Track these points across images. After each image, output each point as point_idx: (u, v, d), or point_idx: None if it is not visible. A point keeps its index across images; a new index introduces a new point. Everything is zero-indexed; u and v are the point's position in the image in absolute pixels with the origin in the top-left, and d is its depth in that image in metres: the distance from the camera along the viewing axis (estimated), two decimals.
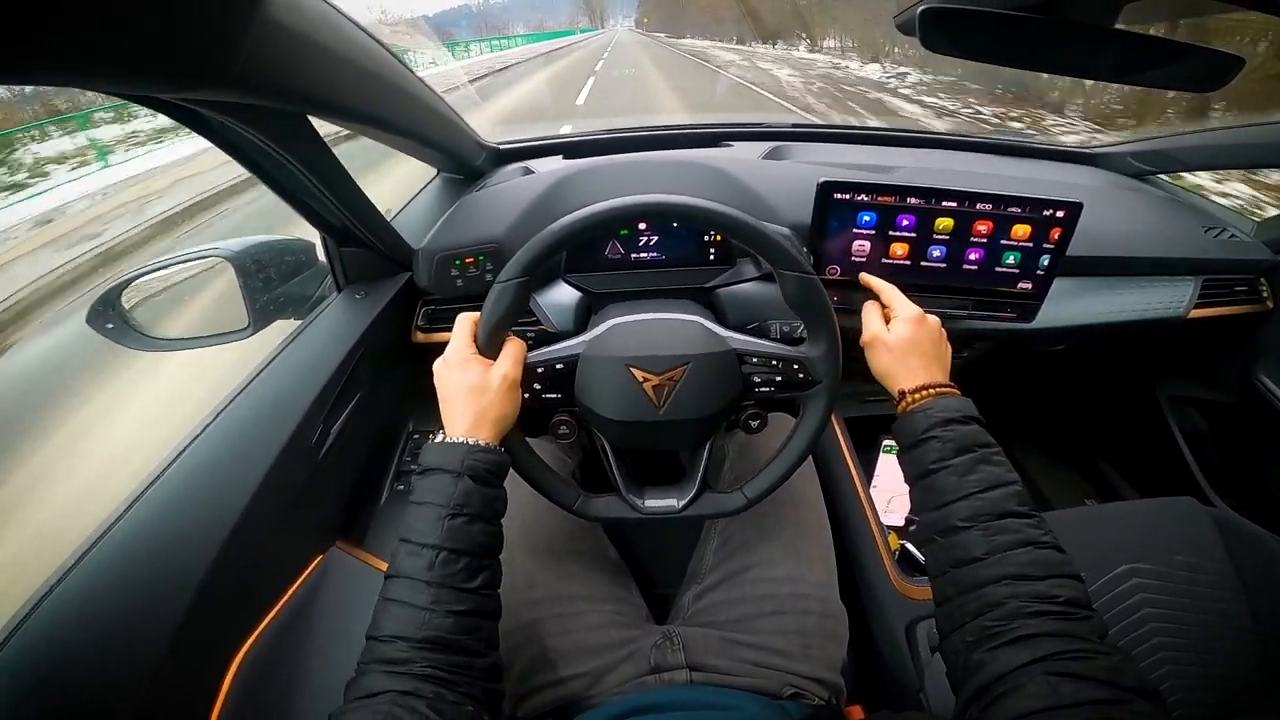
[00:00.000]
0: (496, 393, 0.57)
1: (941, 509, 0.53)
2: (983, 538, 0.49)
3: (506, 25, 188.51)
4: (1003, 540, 0.48)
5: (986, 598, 0.46)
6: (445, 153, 1.02)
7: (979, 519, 0.50)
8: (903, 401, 0.61)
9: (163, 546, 0.58)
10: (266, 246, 0.88)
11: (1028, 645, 0.41)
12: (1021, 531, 0.49)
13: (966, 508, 0.51)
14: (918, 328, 0.64)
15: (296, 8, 0.46)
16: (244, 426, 0.71)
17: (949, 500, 0.53)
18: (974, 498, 0.51)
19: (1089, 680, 0.38)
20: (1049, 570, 0.46)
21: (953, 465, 0.54)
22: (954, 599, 0.49)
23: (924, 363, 0.62)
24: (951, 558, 0.51)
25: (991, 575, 0.47)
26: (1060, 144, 1.36)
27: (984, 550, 0.48)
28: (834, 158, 1.18)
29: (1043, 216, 0.75)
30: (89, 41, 0.31)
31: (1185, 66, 0.62)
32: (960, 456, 0.54)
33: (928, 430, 0.56)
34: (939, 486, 0.54)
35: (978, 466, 0.53)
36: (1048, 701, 0.37)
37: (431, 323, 0.98)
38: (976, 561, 0.48)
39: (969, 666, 0.44)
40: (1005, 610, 0.44)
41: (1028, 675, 0.39)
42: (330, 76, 0.54)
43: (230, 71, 0.40)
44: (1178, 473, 1.27)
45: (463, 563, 0.50)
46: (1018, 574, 0.46)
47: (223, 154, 0.62)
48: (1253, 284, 1.08)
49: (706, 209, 0.59)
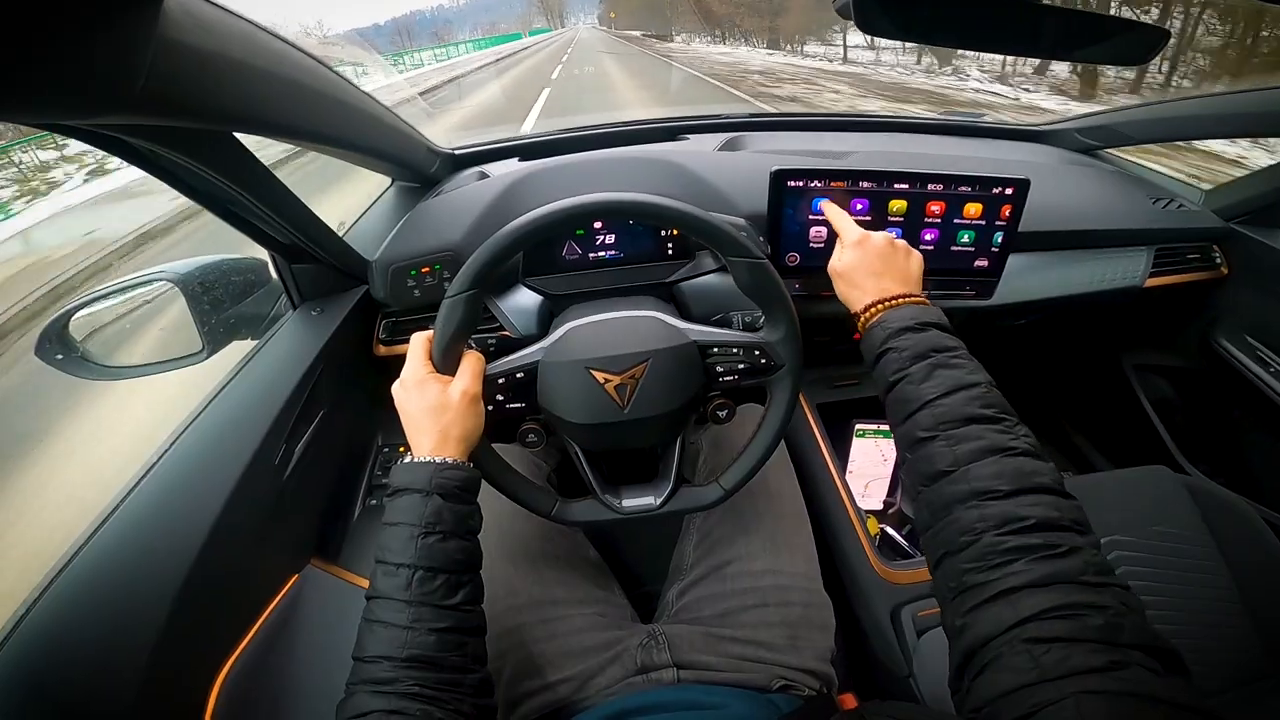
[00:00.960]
0: (457, 409, 0.56)
1: (905, 422, 0.51)
2: (946, 448, 0.46)
3: (451, 32, 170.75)
4: (966, 450, 0.45)
5: (958, 523, 0.43)
6: (395, 162, 1.01)
7: (940, 426, 0.47)
8: (859, 324, 0.60)
9: (128, 576, 0.58)
10: (213, 267, 0.86)
11: (1009, 603, 0.37)
12: (985, 438, 0.45)
13: (928, 416, 0.48)
14: (859, 248, 0.64)
15: (201, 25, 0.44)
16: (202, 451, 0.70)
17: (911, 411, 0.50)
18: (933, 405, 0.49)
19: (1080, 643, 0.33)
20: (1017, 483, 0.42)
21: (910, 374, 0.52)
22: (931, 526, 0.46)
23: (874, 281, 0.61)
24: (919, 473, 0.48)
25: (958, 493, 0.44)
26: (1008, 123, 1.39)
27: (949, 462, 0.45)
28: (788, 145, 1.19)
29: (992, 194, 0.76)
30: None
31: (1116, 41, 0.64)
32: (916, 364, 0.52)
33: (884, 344, 0.55)
34: (901, 398, 0.52)
35: (934, 371, 0.51)
36: (1030, 676, 0.33)
37: (393, 335, 0.96)
38: (943, 476, 0.45)
39: (955, 627, 0.41)
40: (979, 548, 0.40)
41: (1008, 644, 0.35)
42: (249, 92, 0.53)
43: (133, 93, 0.39)
44: (1149, 441, 1.29)
45: (440, 580, 0.49)
46: (984, 489, 0.42)
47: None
48: (1205, 251, 1.11)
49: (650, 204, 0.59)
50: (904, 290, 0.60)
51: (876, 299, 0.60)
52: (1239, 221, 1.10)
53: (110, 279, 0.84)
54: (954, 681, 0.40)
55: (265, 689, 0.68)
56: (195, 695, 0.62)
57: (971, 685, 0.37)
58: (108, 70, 0.37)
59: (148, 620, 0.56)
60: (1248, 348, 1.10)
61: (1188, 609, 0.76)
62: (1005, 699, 0.34)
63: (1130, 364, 1.35)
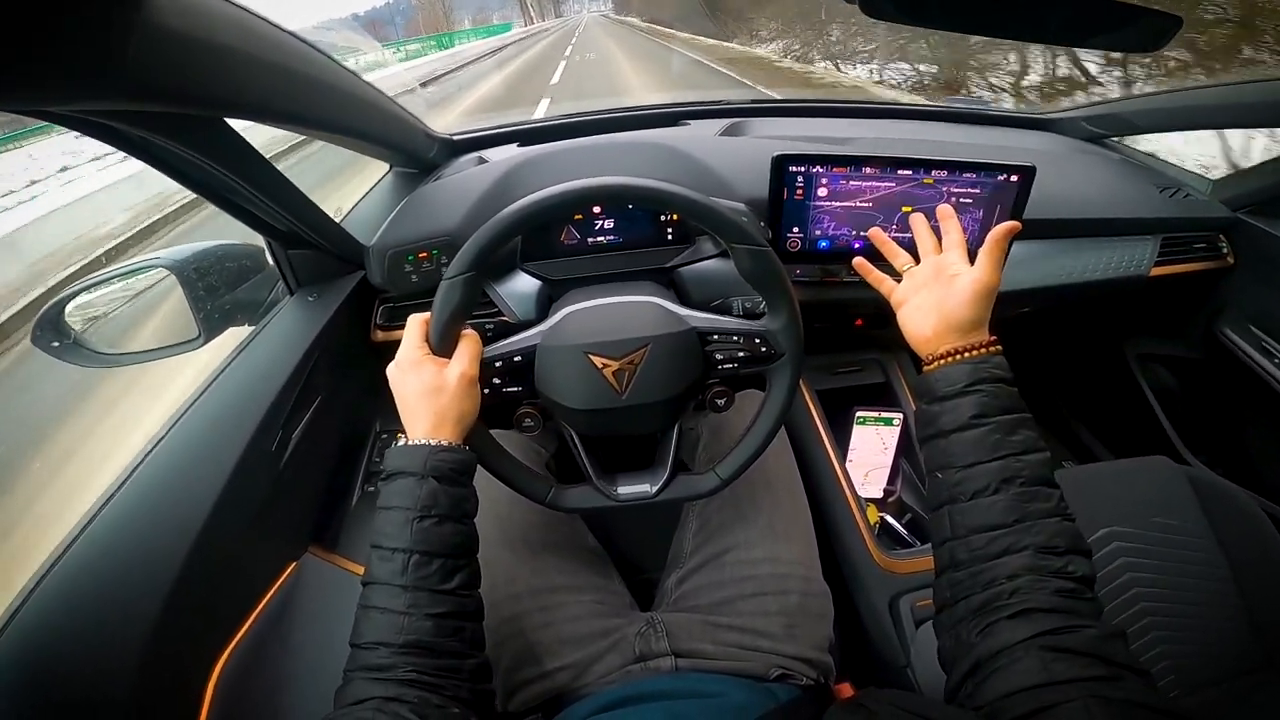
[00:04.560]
0: (454, 392, 0.56)
1: (973, 467, 0.49)
2: (1016, 503, 0.47)
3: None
4: (1036, 508, 0.46)
5: (1006, 566, 0.44)
6: (391, 147, 1.00)
7: (1015, 482, 0.48)
8: (968, 349, 0.55)
9: (124, 564, 0.58)
10: (208, 253, 0.85)
11: (1029, 620, 0.41)
12: (1054, 501, 0.47)
13: (1002, 468, 0.48)
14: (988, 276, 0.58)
15: (188, 10, 0.44)
16: (199, 438, 0.70)
17: (985, 460, 0.49)
18: (1013, 459, 0.49)
19: (1083, 656, 0.37)
20: (1071, 545, 0.45)
21: (997, 423, 0.50)
22: (965, 564, 0.46)
23: (982, 314, 0.57)
24: (972, 521, 0.48)
25: (1015, 544, 0.45)
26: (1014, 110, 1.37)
27: (1015, 516, 0.46)
28: (791, 131, 1.18)
29: (998, 181, 0.75)
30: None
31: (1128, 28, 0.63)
32: (1004, 416, 0.51)
33: (977, 383, 0.52)
34: (976, 442, 0.50)
35: (1019, 429, 0.50)
36: (1039, 678, 0.36)
37: (390, 321, 0.95)
38: (1003, 528, 0.46)
39: (966, 641, 0.43)
40: (1020, 583, 0.43)
41: (1022, 650, 0.39)
42: (238, 77, 0.52)
43: (117, 78, 0.39)
44: (1150, 431, 1.29)
45: (436, 564, 0.49)
46: (1044, 545, 0.44)
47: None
48: (1211, 241, 1.10)
49: (651, 189, 0.58)
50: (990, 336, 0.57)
51: (988, 335, 0.56)
52: (1246, 211, 1.09)
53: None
54: (952, 693, 0.42)
55: (263, 677, 0.68)
56: (193, 683, 0.62)
57: (977, 688, 0.39)
58: (90, 55, 0.36)
59: (144, 608, 0.56)
60: (1253, 338, 1.09)
61: (1185, 600, 0.76)
62: (1013, 697, 0.36)
63: (1133, 353, 1.34)
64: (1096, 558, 0.76)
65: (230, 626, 0.68)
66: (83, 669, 0.52)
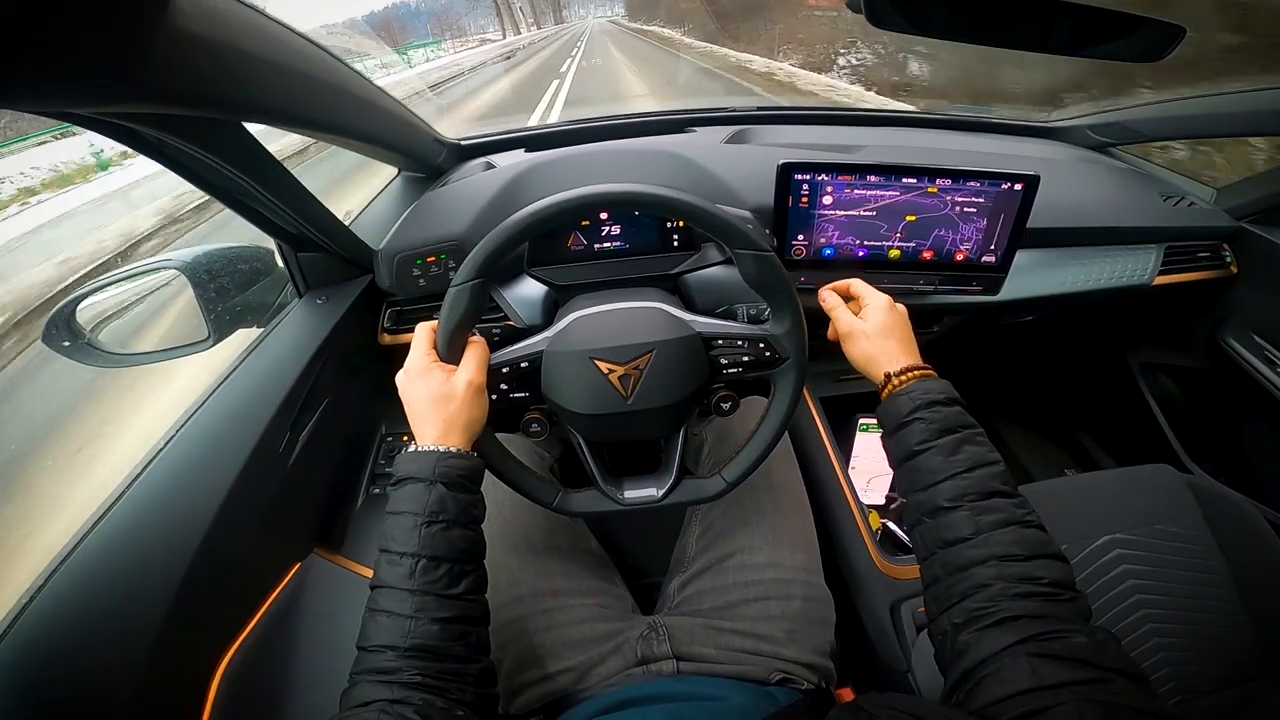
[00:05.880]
0: (462, 399, 0.56)
1: (928, 490, 0.53)
2: (969, 518, 0.49)
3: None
4: (989, 520, 0.49)
5: (973, 578, 0.46)
6: (401, 152, 1.00)
7: (965, 499, 0.50)
8: (888, 385, 0.61)
9: (132, 562, 0.58)
10: (219, 255, 0.86)
11: (1012, 627, 0.41)
12: (1007, 511, 0.49)
13: (952, 488, 0.51)
14: (891, 313, 0.65)
15: (209, 15, 0.45)
16: (207, 439, 0.70)
17: (935, 481, 0.53)
18: (959, 478, 0.52)
19: (1070, 660, 0.37)
20: (1034, 550, 0.46)
21: (937, 446, 0.54)
22: (942, 580, 0.49)
23: (902, 346, 0.63)
24: (939, 538, 0.51)
25: (978, 556, 0.47)
26: (1018, 119, 1.38)
27: (971, 530, 0.49)
28: (796, 139, 1.18)
29: (1002, 190, 0.75)
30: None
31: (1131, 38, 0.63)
32: (945, 437, 0.54)
33: (913, 412, 0.56)
34: (925, 467, 0.54)
35: (962, 447, 0.53)
36: (1028, 683, 0.37)
37: (398, 324, 0.96)
38: (963, 542, 0.49)
39: (956, 650, 0.44)
40: (992, 592, 0.45)
41: (1010, 657, 0.39)
42: (257, 82, 0.53)
43: (141, 82, 0.39)
44: (1153, 440, 1.29)
45: (443, 569, 0.49)
46: (1004, 554, 0.46)
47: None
48: (1215, 250, 1.10)
49: (657, 196, 0.59)
50: (922, 362, 0.62)
51: (909, 365, 0.61)
52: (1250, 220, 1.09)
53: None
54: (946, 698, 0.43)
55: (267, 678, 0.68)
56: (197, 683, 0.62)
57: (969, 695, 0.40)
58: (117, 59, 0.37)
59: (151, 607, 0.57)
60: (1255, 347, 1.09)
61: (1187, 608, 0.75)
62: (1004, 703, 0.37)
63: (1136, 362, 1.34)
64: (1098, 565, 0.77)
65: (235, 626, 0.68)
66: (88, 668, 0.52)
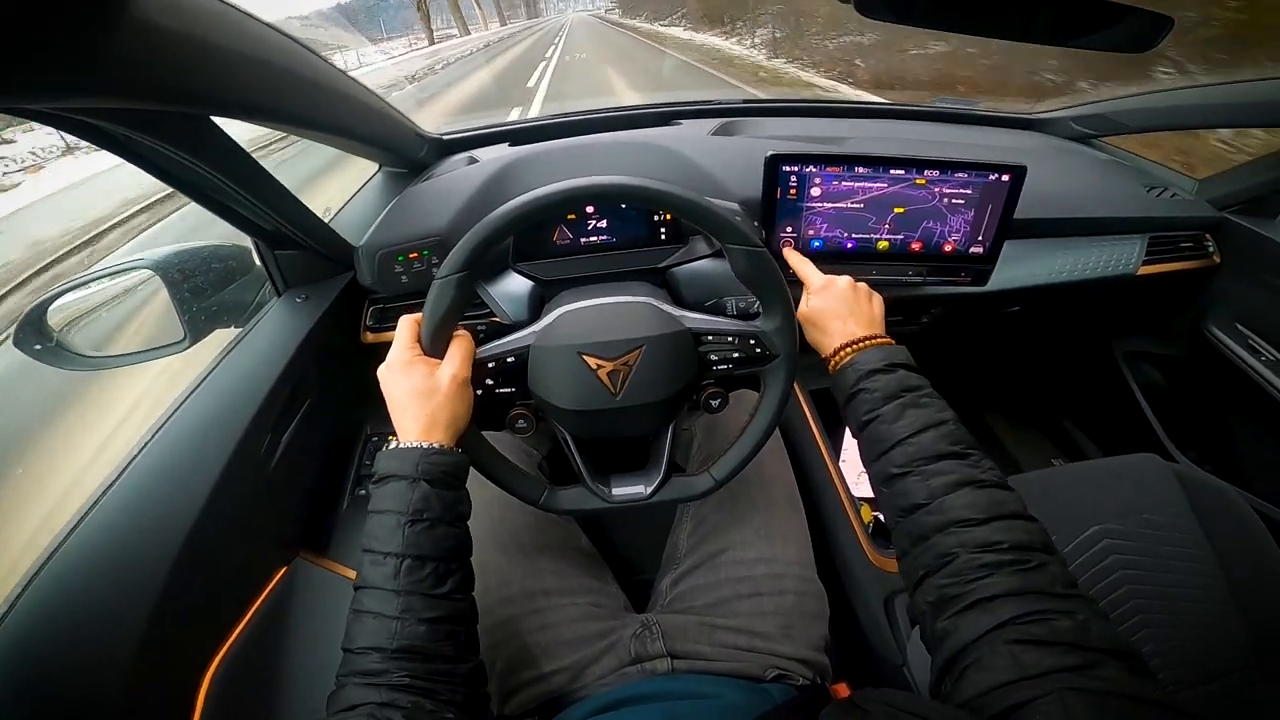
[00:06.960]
0: (445, 394, 0.55)
1: (880, 459, 0.54)
2: (920, 482, 0.49)
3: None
4: (939, 483, 0.48)
5: (936, 548, 0.46)
6: (381, 146, 0.99)
7: (914, 463, 0.50)
8: (830, 366, 0.63)
9: (112, 567, 0.57)
10: (192, 253, 0.84)
11: (987, 609, 0.40)
12: (958, 472, 0.48)
13: (901, 454, 0.52)
14: (825, 293, 0.66)
15: (176, 6, 0.43)
16: (185, 442, 0.69)
17: (885, 449, 0.53)
18: (906, 443, 0.52)
19: (1054, 645, 0.36)
20: (990, 512, 0.45)
21: (882, 414, 0.55)
22: (910, 552, 0.49)
23: (841, 324, 0.64)
24: (896, 507, 0.51)
25: (936, 523, 0.47)
26: (1003, 110, 1.38)
27: (925, 496, 0.48)
28: (782, 130, 1.18)
29: (989, 181, 0.75)
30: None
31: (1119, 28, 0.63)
32: (888, 404, 0.55)
33: (855, 384, 0.57)
34: (875, 437, 0.55)
35: (905, 411, 0.54)
36: (1011, 674, 0.35)
37: (380, 322, 0.94)
38: (920, 508, 0.48)
39: (936, 636, 0.43)
40: (957, 565, 0.44)
41: (989, 645, 0.38)
42: (222, 74, 0.51)
43: (99, 76, 0.38)
44: (1139, 429, 1.30)
45: (429, 569, 0.48)
46: (960, 519, 0.45)
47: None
48: (1198, 240, 1.11)
49: (647, 188, 0.58)
50: (869, 332, 0.63)
51: (845, 342, 0.62)
52: (1232, 211, 1.10)
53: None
54: (935, 687, 0.42)
55: (255, 682, 0.67)
56: (185, 689, 0.61)
57: (954, 686, 0.39)
58: (73, 53, 0.35)
59: (134, 614, 0.56)
60: (1239, 336, 1.10)
61: (1174, 597, 0.76)
62: (988, 695, 0.36)
63: (1121, 351, 1.35)
64: (1087, 556, 0.77)
65: (221, 631, 0.67)
66: (72, 676, 0.51)
